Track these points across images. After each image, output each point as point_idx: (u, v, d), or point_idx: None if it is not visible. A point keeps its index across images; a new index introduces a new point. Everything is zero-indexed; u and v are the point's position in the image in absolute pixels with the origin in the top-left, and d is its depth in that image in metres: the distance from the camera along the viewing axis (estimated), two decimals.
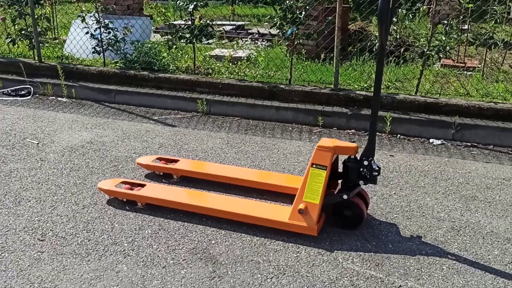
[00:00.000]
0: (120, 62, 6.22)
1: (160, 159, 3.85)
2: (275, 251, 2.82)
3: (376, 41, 6.99)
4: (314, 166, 2.95)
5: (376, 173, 2.97)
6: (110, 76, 5.91)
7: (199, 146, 4.40)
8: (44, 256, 2.72)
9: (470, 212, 3.29)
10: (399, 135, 4.76)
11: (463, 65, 6.62)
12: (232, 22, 11.40)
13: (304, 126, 5.02)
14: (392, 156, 4.27)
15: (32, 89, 5.94)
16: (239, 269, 2.64)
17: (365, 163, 2.95)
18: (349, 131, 4.86)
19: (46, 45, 7.40)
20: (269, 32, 9.41)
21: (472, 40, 5.91)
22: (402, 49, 7.19)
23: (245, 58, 6.67)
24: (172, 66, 6.13)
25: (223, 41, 8.45)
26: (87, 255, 2.74)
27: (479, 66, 6.41)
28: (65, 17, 9.89)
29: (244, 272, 2.62)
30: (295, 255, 2.78)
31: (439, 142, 4.59)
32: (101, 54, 6.27)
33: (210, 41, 8.56)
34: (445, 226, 3.11)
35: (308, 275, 2.61)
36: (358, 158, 2.99)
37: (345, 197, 2.96)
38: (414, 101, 4.89)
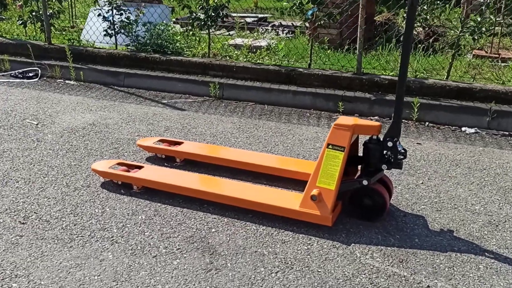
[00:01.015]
0: (132, 46, 5.94)
1: (163, 141, 3.53)
2: (283, 242, 2.46)
3: (402, 30, 6.55)
4: (330, 146, 2.58)
5: (402, 157, 2.58)
6: (120, 58, 5.63)
7: (208, 130, 4.07)
8: (22, 241, 2.42)
9: (510, 205, 2.87)
10: (427, 123, 4.33)
11: (497, 56, 6.11)
12: (254, 15, 11.06)
13: (323, 112, 4.64)
14: (420, 144, 3.85)
15: (39, 71, 5.71)
16: (240, 261, 2.30)
17: (389, 144, 2.56)
18: (372, 117, 4.46)
19: (63, 33, 7.21)
20: (292, 23, 9.04)
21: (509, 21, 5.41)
22: (431, 39, 6.75)
23: (265, 47, 6.32)
24: (187, 51, 5.82)
25: (244, 33, 8.11)
26: (70, 241, 2.43)
27: None
28: (87, 9, 9.69)
29: (245, 265, 2.27)
30: (306, 248, 2.42)
31: (472, 130, 4.15)
32: (113, 37, 6.00)
33: (232, 32, 8.27)
34: (481, 220, 2.70)
35: (319, 270, 2.24)
36: (381, 139, 2.60)
37: (365, 183, 2.58)
38: (445, 86, 4.46)
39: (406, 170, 3.33)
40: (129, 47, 5.97)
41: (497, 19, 6.51)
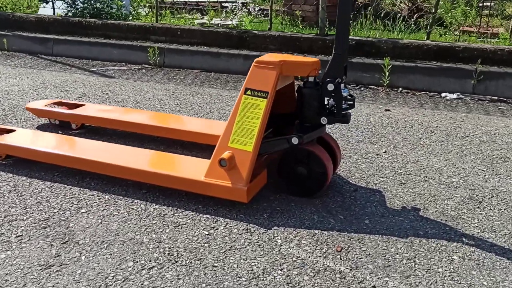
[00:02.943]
0: (69, 11, 5.16)
1: (60, 103, 2.78)
2: (176, 225, 1.72)
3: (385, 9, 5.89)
4: (248, 92, 1.84)
5: (348, 106, 1.85)
6: (50, 23, 4.86)
7: (132, 97, 3.32)
8: None
9: (498, 177, 2.15)
10: (400, 89, 3.61)
11: (487, 31, 5.40)
12: (235, 0, 10.32)
13: None
14: (389, 110, 3.13)
15: None
16: (102, 253, 1.55)
17: (330, 87, 1.82)
18: None
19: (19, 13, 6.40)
20: (271, 7, 8.30)
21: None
22: (415, 15, 6.06)
23: (234, 24, 5.58)
24: (134, 19, 5.06)
25: (220, 14, 7.34)
26: None
27: (506, 33, 5.17)
28: None
29: (108, 258, 1.53)
30: (206, 233, 1.68)
31: (454, 96, 3.43)
32: (50, 2, 5.23)
33: (206, 17, 7.52)
34: (459, 195, 1.98)
35: (216, 265, 1.50)
36: (320, 82, 1.87)
37: (295, 141, 1.84)
38: (422, 46, 3.73)
39: (367, 137, 2.61)
40: (68, 13, 5.18)
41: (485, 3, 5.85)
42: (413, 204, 1.89)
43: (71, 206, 1.85)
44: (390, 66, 3.54)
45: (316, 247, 1.60)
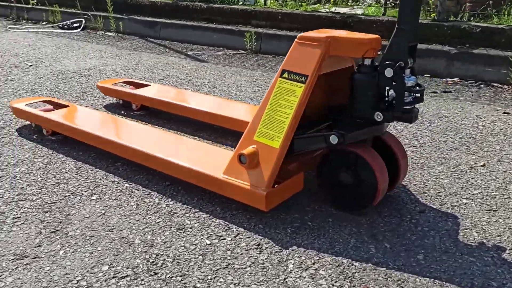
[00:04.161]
0: None
1: (128, 83, 2.69)
2: (180, 228, 1.45)
3: None
4: (285, 75, 1.48)
5: (412, 98, 1.39)
6: (161, 7, 4.92)
7: (212, 82, 3.13)
8: None
9: None
10: None
11: None
12: None
13: None
14: (508, 114, 2.48)
15: (83, 22, 5.26)
16: (83, 251, 1.34)
17: (388, 73, 1.38)
18: (448, 79, 3.12)
19: None
20: None
21: None
22: None
23: (361, 14, 5.13)
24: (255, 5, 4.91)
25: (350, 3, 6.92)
26: None
27: None
28: None
29: (84, 258, 1.31)
30: (208, 243, 1.38)
31: None
32: None
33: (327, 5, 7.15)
34: None
35: (198, 286, 1.19)
36: (378, 66, 1.43)
37: (333, 140, 1.43)
38: None
39: (466, 145, 2.05)
40: None
41: None
42: (497, 241, 1.36)
43: (85, 192, 1.68)
44: None
45: (336, 281, 1.20)
